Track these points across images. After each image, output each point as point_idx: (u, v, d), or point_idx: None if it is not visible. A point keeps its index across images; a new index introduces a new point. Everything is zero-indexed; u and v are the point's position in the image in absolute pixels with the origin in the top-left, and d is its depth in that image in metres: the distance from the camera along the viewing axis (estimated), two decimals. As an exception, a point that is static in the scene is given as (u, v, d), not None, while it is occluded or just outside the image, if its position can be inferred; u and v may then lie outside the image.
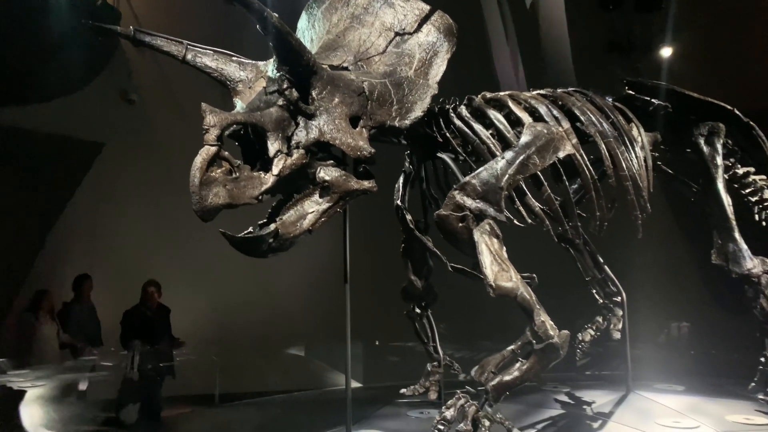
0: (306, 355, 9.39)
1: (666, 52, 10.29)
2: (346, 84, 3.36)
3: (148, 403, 6.32)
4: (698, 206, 4.71)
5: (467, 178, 3.69)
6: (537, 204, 3.85)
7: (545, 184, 3.88)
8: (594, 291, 5.52)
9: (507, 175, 3.66)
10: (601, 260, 5.43)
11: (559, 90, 4.36)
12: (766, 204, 4.95)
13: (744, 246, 4.26)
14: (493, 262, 3.49)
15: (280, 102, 3.09)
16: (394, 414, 4.67)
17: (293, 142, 3.12)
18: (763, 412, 4.41)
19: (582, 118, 4.05)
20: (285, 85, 3.08)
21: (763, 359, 4.56)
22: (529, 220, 3.85)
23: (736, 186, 4.98)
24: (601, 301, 5.50)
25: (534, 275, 4.06)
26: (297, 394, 6.14)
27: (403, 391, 4.90)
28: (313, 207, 3.20)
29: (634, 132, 4.31)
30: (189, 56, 3.13)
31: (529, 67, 10.20)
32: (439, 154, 4.06)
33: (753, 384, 4.59)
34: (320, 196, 3.23)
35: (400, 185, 4.51)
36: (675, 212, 8.04)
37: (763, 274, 4.25)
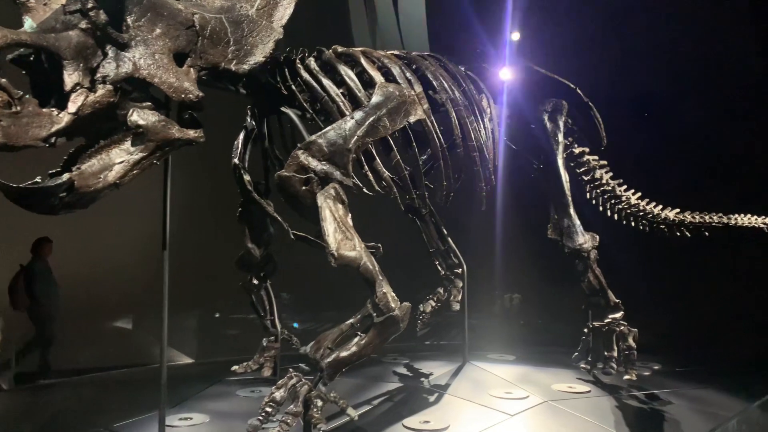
0: (134, 329, 8.57)
1: (516, 36, 10.68)
2: (171, 14, 2.84)
3: None
4: (537, 182, 4.81)
5: (313, 137, 3.35)
6: (385, 170, 3.63)
7: (395, 149, 3.67)
8: (437, 262, 5.51)
9: (356, 137, 3.38)
10: (445, 232, 5.42)
11: (414, 53, 4.15)
12: (597, 183, 5.20)
13: (577, 222, 4.42)
14: (337, 229, 3.21)
15: (83, 25, 2.51)
16: (222, 393, 4.27)
17: (99, 75, 2.57)
18: (584, 380, 4.67)
19: (434, 83, 3.88)
20: (90, 4, 2.50)
21: (586, 330, 4.81)
22: (377, 187, 3.62)
23: (572, 165, 5.16)
24: (443, 272, 5.51)
25: (379, 245, 3.84)
26: (116, 373, 5.49)
27: (234, 368, 4.50)
28: (122, 156, 2.68)
29: (484, 103, 4.24)
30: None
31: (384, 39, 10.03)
32: (283, 109, 3.67)
33: (576, 354, 4.83)
34: (132, 144, 2.71)
35: (240, 142, 4.05)
36: (514, 187, 8.34)
37: (592, 249, 4.44)
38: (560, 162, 4.46)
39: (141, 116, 2.70)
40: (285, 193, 3.42)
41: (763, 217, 5.48)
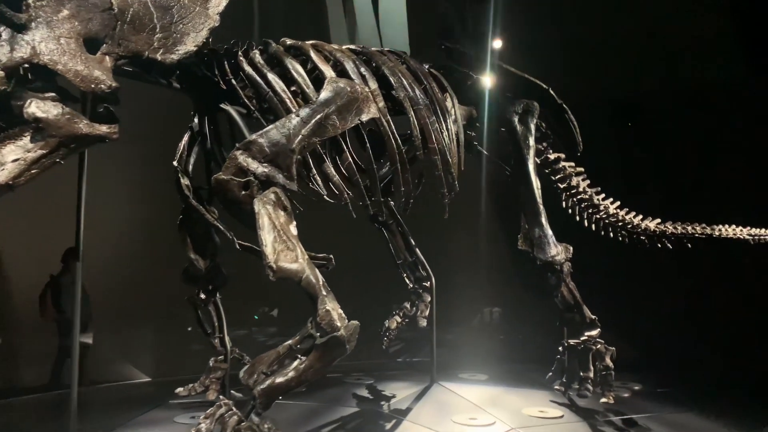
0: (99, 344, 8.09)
1: (497, 44, 10.46)
2: (83, -7, 2.51)
3: None
4: (510, 189, 4.49)
5: (253, 137, 3.01)
6: (336, 174, 3.30)
7: (347, 150, 3.34)
8: (405, 275, 5.17)
9: (300, 136, 3.04)
10: (413, 243, 5.09)
11: (372, 48, 3.84)
12: (573, 191, 4.90)
13: (549, 232, 4.09)
14: (277, 239, 2.86)
15: (-31, 2, 2.18)
16: (159, 419, 3.89)
17: (-13, 59, 2.23)
18: (558, 402, 4.33)
19: (392, 80, 3.55)
20: (-25, -23, 2.16)
21: (561, 348, 4.48)
22: (326, 192, 3.29)
23: (547, 171, 4.86)
24: (411, 285, 5.17)
25: (330, 256, 3.52)
26: (53, 394, 5.06)
27: (178, 390, 4.12)
28: (17, 153, 2.33)
29: (448, 103, 3.92)
30: None
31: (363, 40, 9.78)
32: (223, 106, 3.34)
33: (550, 374, 4.50)
34: (31, 140, 2.36)
35: (184, 143, 3.71)
36: (491, 195, 8.03)
37: (565, 261, 4.12)
38: (531, 167, 4.15)
39: (40, 108, 2.36)
40: (223, 199, 3.08)
41: (749, 228, 5.21)
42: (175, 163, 3.61)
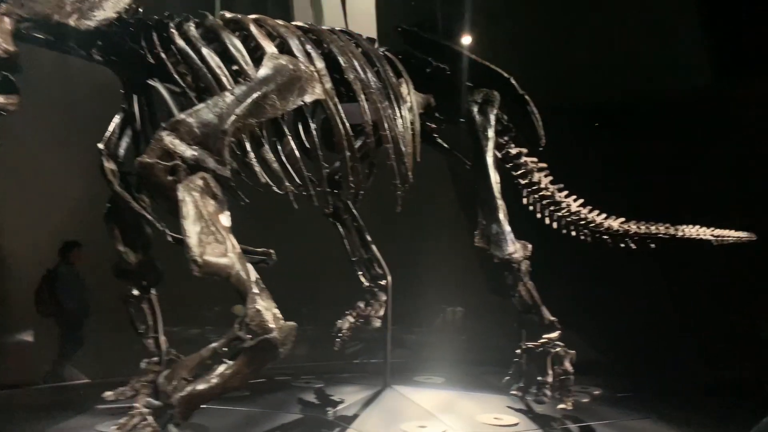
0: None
1: (467, 39, 10.30)
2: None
3: None
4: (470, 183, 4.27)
5: (181, 116, 2.72)
6: (276, 160, 3.02)
7: (289, 134, 3.06)
8: (360, 273, 4.91)
9: (234, 116, 2.75)
10: (369, 238, 4.82)
11: (323, 27, 3.56)
12: (535, 188, 4.70)
13: (507, 228, 3.87)
14: (204, 230, 2.58)
15: None
16: (78, 427, 3.55)
17: None
18: (514, 408, 4.13)
19: (341, 59, 3.28)
20: None
21: (519, 351, 4.28)
22: (263, 180, 3.00)
23: (508, 166, 4.66)
24: (367, 284, 4.91)
25: (271, 251, 3.25)
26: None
27: (106, 394, 3.78)
28: None
29: (403, 89, 3.67)
30: None
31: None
32: (150, 82, 3.03)
33: (507, 377, 4.29)
34: None
35: (117, 123, 3.38)
36: (455, 189, 7.82)
37: (523, 260, 3.90)
38: (489, 160, 3.92)
39: None
40: (148, 184, 2.80)
41: (712, 228, 5.09)
42: (100, 145, 3.28)
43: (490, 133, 3.97)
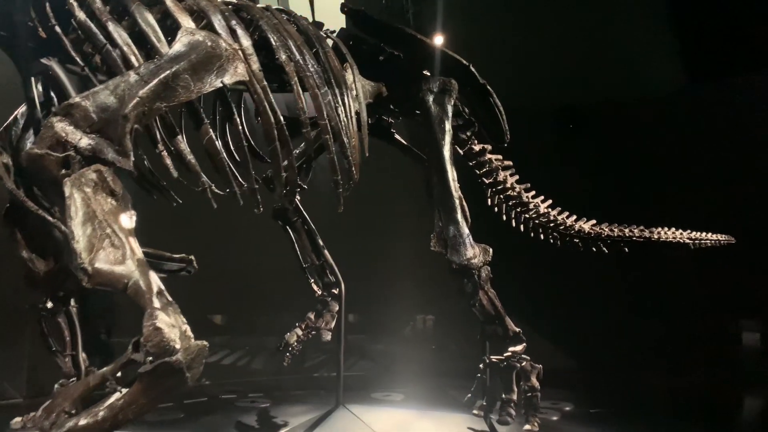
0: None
1: (439, 40, 10.03)
2: None
3: None
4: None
5: (76, 99, 2.29)
6: (188, 149, 2.61)
7: (207, 121, 2.66)
8: (312, 281, 4.50)
9: (137, 99, 2.33)
10: (321, 243, 4.42)
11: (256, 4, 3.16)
12: (500, 187, 4.36)
13: (465, 230, 3.49)
14: (95, 232, 2.15)
15: None
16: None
17: None
18: (475, 430, 3.75)
19: (272, 38, 2.88)
20: None
21: (481, 365, 3.90)
22: (175, 175, 2.59)
23: (471, 164, 4.31)
24: (319, 293, 4.51)
25: (192, 257, 2.84)
26: None
27: (15, 421, 3.30)
28: None
29: (348, 76, 3.28)
30: None
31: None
32: (44, 61, 2.60)
33: (469, 395, 3.91)
34: None
35: (19, 113, 2.94)
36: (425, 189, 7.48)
37: (484, 265, 3.53)
38: (447, 155, 3.54)
39: None
40: (37, 179, 2.38)
41: (689, 231, 4.79)
42: (-12, 136, 2.84)
43: (447, 125, 3.59)
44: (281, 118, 2.81)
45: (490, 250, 3.56)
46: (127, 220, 2.33)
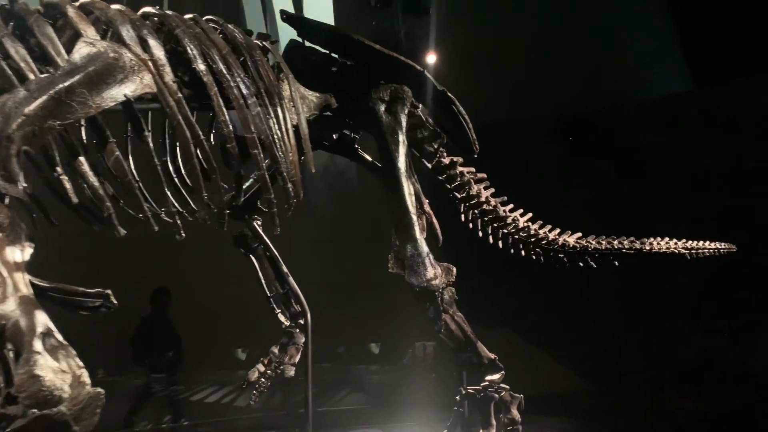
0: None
1: (431, 58, 9.91)
2: None
3: None
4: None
5: None
6: (91, 173, 2.35)
7: (113, 140, 2.41)
8: (278, 311, 4.20)
9: (22, 118, 2.10)
10: (285, 270, 4.12)
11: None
12: (473, 202, 4.05)
13: (424, 249, 3.17)
14: (-32, 266, 1.91)
15: None
16: None
17: None
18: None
19: (189, 47, 2.64)
20: None
21: (458, 397, 3.55)
22: (75, 200, 2.34)
23: (441, 178, 4.02)
24: (286, 323, 4.20)
25: (108, 292, 2.57)
26: None
27: None
28: None
29: (284, 86, 3.02)
30: None
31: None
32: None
33: (445, 430, 3.55)
34: None
35: None
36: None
37: (447, 287, 3.20)
38: (401, 167, 3.24)
39: None
40: None
41: (684, 240, 4.43)
42: None
43: (401, 136, 3.31)
44: (200, 133, 2.56)
45: (454, 269, 3.24)
46: (16, 253, 2.07)
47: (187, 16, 2.93)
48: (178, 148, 2.66)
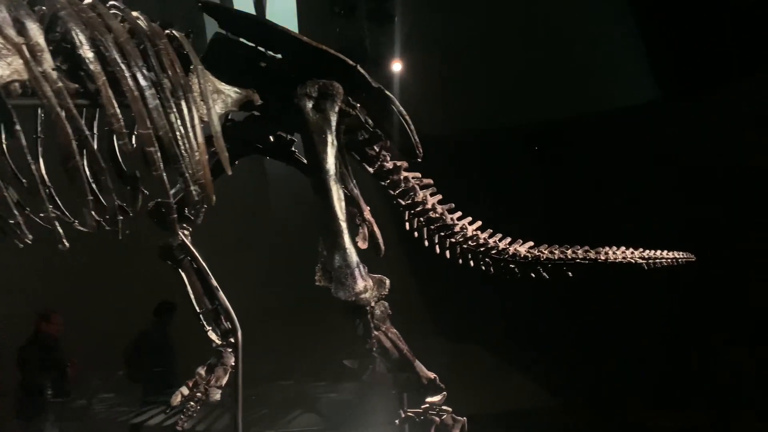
0: None
1: (397, 66, 9.73)
2: None
3: None
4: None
5: None
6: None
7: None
8: (209, 329, 3.86)
9: None
10: (215, 284, 3.79)
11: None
12: (419, 209, 3.79)
13: (354, 259, 2.88)
14: None
15: None
16: None
17: None
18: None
19: (75, 32, 2.33)
20: None
21: (397, 421, 3.25)
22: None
23: (384, 184, 3.75)
24: (217, 342, 3.86)
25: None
26: None
27: None
28: None
29: (194, 80, 2.71)
30: None
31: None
32: None
33: (383, 458, 3.27)
34: None
35: None
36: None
37: (379, 300, 2.92)
38: (329, 170, 2.95)
39: None
40: None
41: (641, 249, 4.22)
42: None
43: (330, 136, 3.02)
44: (84, 128, 2.24)
45: (387, 281, 2.96)
46: None
47: (85, 1, 2.64)
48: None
